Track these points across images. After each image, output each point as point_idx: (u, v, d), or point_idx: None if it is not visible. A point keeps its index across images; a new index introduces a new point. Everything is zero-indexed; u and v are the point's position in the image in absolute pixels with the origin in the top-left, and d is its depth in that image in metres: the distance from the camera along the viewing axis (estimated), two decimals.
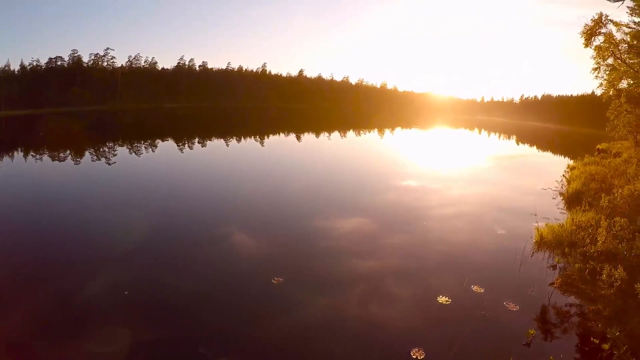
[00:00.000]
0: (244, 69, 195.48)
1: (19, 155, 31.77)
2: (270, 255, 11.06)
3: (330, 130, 59.57)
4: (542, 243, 11.91)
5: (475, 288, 9.11)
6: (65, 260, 10.45)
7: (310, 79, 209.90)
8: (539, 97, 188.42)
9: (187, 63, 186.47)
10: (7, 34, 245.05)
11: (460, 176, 24.69)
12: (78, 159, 27.67)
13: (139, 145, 35.18)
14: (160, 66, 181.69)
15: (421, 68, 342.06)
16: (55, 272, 9.72)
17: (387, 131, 65.95)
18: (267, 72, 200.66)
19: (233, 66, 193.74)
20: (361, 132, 61.35)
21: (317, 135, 53.20)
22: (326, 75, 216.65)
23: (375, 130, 67.15)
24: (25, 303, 8.23)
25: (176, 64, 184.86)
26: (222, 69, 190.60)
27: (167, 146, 35.64)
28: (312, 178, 22.76)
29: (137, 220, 13.83)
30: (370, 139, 52.73)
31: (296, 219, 14.46)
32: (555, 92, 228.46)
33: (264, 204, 16.53)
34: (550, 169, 30.04)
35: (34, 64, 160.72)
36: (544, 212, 15.68)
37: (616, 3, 20.70)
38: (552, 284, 9.51)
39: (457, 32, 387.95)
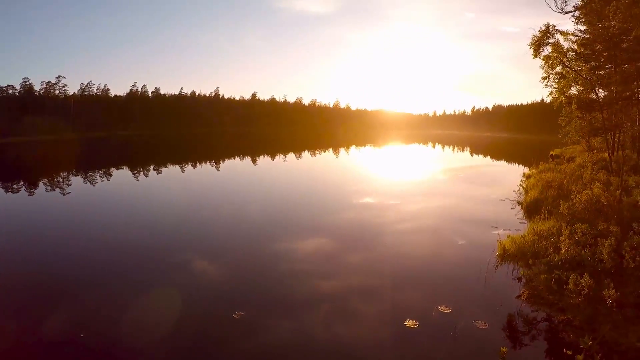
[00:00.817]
0: (197, 94, 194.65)
1: None
2: (229, 285, 10.50)
3: (285, 151, 59.44)
4: (505, 256, 11.80)
5: (442, 308, 8.78)
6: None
7: (263, 102, 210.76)
8: (490, 107, 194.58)
9: (139, 89, 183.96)
10: None
11: (418, 190, 24.87)
12: (32, 190, 26.49)
13: (93, 174, 34.08)
14: (112, 93, 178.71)
15: (372, 85, 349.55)
16: None
17: (342, 150, 66.24)
18: (221, 96, 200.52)
19: (186, 91, 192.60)
20: (316, 152, 61.42)
21: (273, 157, 52.85)
22: (279, 97, 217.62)
23: (330, 149, 67.44)
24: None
25: (129, 91, 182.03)
26: (175, 94, 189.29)
27: (121, 174, 34.56)
28: (269, 200, 22.38)
29: (88, 250, 13.21)
30: (325, 158, 52.83)
31: (255, 243, 13.96)
32: (505, 102, 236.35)
33: (221, 229, 16.09)
34: (507, 178, 30.60)
35: None
36: (504, 223, 15.77)
37: (565, 15, 21.32)
38: (519, 296, 9.35)
39: (406, 48, 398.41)
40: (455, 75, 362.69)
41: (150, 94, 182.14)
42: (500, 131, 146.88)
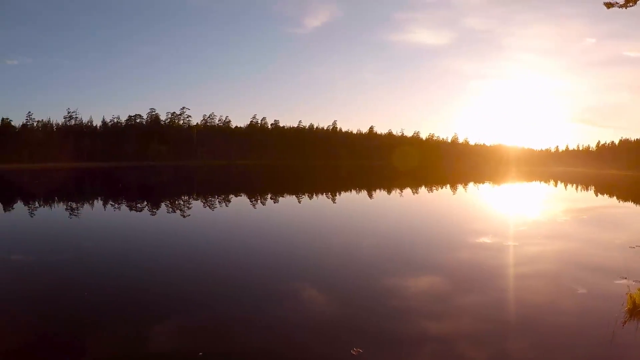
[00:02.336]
0: (315, 127, 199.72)
1: (99, 203, 32.79)
2: (341, 318, 10.10)
3: (401, 186, 58.23)
4: (636, 311, 10.23)
5: None
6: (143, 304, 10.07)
7: (380, 135, 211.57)
8: (616, 142, 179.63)
9: (259, 121, 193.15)
10: (91, 92, 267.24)
11: (537, 232, 22.71)
12: (154, 210, 27.85)
13: (212, 199, 35.31)
14: (233, 124, 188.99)
15: (490, 118, 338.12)
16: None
17: (459, 187, 63.79)
18: (338, 129, 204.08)
19: (304, 124, 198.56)
20: (433, 188, 59.52)
21: (389, 191, 52.04)
22: (396, 131, 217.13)
23: (448, 185, 65.24)
24: None
25: (249, 122, 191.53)
26: (293, 127, 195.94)
27: (239, 201, 35.50)
28: (383, 234, 21.85)
29: (204, 272, 13.52)
30: (442, 194, 50.75)
31: (365, 277, 13.55)
32: (633, 135, 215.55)
33: (334, 260, 15.82)
34: (637, 222, 27.17)
35: (115, 120, 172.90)
36: (635, 273, 13.71)
37: None
38: None
39: (523, 78, 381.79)
40: (576, 106, 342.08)
41: (269, 126, 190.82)
42: (629, 168, 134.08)
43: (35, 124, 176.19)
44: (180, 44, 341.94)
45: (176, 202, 33.27)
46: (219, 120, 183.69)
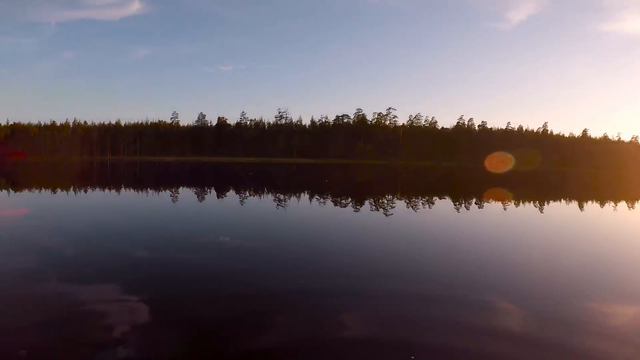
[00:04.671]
0: (524, 129, 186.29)
1: (304, 197, 33.40)
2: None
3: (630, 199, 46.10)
4: None
5: None
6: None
7: (594, 140, 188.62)
8: None
9: (466, 123, 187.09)
10: (299, 94, 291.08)
11: None
12: (358, 207, 27.03)
13: (416, 200, 33.28)
14: (439, 125, 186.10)
15: None
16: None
17: None
18: (549, 132, 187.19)
19: (513, 126, 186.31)
20: None
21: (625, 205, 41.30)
22: (612, 135, 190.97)
23: None
24: None
25: (455, 124, 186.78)
26: (501, 128, 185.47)
27: (445, 204, 32.67)
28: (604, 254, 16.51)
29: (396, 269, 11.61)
30: None
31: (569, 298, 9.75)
32: None
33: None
34: None
35: (323, 120, 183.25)
36: None
37: None
38: None
39: None
40: None
41: (476, 128, 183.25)
42: None
43: (248, 122, 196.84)
44: (379, 45, 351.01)
45: (380, 200, 32.10)
46: (425, 121, 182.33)
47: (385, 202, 31.18)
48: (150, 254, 14.00)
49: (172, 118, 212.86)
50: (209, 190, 40.46)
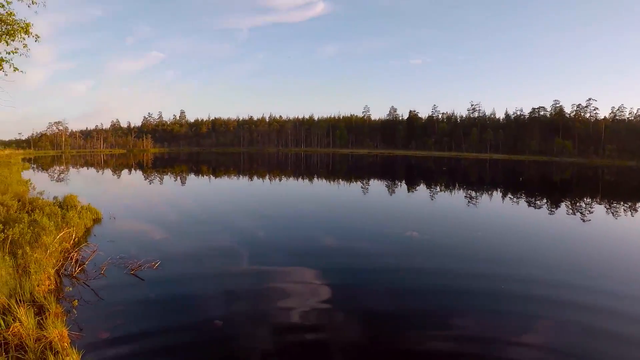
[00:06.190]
0: None
1: (497, 194, 34.15)
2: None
3: None
4: None
5: None
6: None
7: None
8: None
9: None
10: (491, 85, 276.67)
11: None
12: (553, 210, 27.17)
13: (617, 205, 31.36)
14: None
15: None
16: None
17: None
18: None
19: None
20: None
21: None
22: None
23: None
24: None
25: None
26: None
27: None
28: None
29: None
30: None
31: None
32: None
33: None
34: None
35: (518, 113, 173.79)
36: None
37: None
38: None
39: None
40: None
41: None
42: None
43: (440, 116, 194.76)
44: (580, 29, 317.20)
45: (577, 204, 31.25)
46: (629, 114, 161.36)
47: (583, 205, 30.50)
48: (336, 242, 16.42)
49: (363, 112, 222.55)
50: (399, 183, 43.51)
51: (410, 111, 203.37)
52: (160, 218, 21.67)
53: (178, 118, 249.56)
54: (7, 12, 14.91)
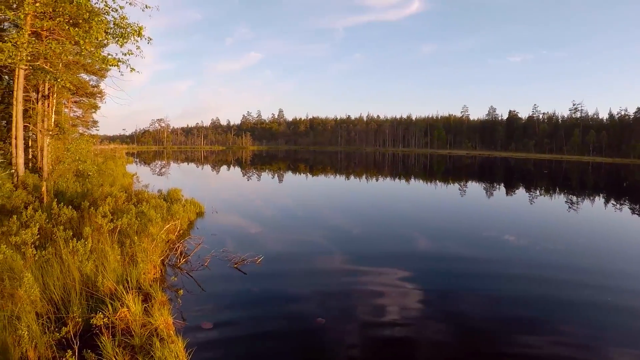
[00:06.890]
0: None
1: (599, 200, 33.47)
2: None
3: None
4: None
5: None
6: None
7: None
8: None
9: None
10: (596, 83, 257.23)
11: None
12: None
13: None
14: None
15: None
16: None
17: None
18: None
19: None
20: None
21: None
22: None
23: None
24: None
25: None
26: None
27: None
28: None
29: None
30: None
31: None
32: None
33: None
34: None
35: (622, 113, 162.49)
36: None
37: None
38: None
39: None
40: None
41: None
42: None
43: (540, 116, 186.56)
44: None
45: None
46: None
47: None
48: (431, 243, 16.42)
49: (461, 112, 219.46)
50: (497, 186, 43.49)
51: (510, 111, 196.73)
52: (260, 213, 22.86)
53: (276, 117, 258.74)
54: (120, 17, 16.27)
